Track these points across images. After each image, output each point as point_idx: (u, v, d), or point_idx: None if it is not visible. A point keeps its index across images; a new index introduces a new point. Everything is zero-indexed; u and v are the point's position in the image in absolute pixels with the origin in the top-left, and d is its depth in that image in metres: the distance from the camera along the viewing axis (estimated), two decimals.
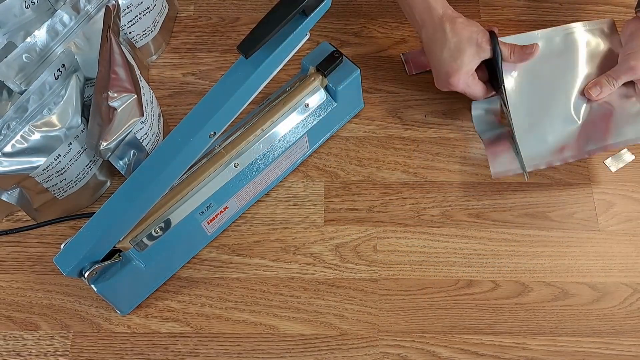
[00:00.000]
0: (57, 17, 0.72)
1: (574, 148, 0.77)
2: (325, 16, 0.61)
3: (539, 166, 0.77)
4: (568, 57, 0.80)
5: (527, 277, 0.75)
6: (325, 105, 0.79)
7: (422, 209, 0.79)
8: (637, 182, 0.80)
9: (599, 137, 0.77)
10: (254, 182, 0.77)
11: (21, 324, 0.75)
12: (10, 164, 0.69)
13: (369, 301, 0.75)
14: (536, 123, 0.78)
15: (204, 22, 0.94)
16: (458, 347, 0.72)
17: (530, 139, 0.78)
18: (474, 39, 0.74)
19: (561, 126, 0.78)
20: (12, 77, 0.71)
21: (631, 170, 0.81)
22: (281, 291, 0.76)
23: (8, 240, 0.79)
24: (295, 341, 0.73)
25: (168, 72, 0.90)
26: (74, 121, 0.71)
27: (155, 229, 0.71)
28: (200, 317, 0.75)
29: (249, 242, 0.78)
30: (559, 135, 0.78)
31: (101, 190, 0.82)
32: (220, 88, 0.61)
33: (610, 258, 0.76)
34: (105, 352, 0.73)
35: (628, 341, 0.72)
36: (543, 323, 0.73)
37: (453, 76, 0.75)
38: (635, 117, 0.77)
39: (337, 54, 0.77)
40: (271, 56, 0.60)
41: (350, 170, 0.82)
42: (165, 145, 0.62)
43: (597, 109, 0.78)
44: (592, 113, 0.78)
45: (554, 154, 0.77)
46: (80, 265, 0.65)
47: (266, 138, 0.76)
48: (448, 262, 0.76)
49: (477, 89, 0.78)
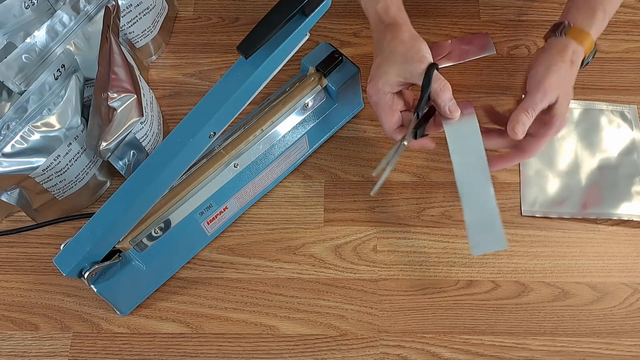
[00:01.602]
0: (56, 18, 0.72)
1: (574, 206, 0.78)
2: (325, 16, 0.61)
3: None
4: None
5: (527, 277, 0.75)
6: (325, 105, 0.79)
7: (422, 209, 0.79)
8: None
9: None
10: (253, 182, 0.77)
11: (21, 324, 0.74)
12: (10, 165, 0.68)
13: (369, 301, 0.75)
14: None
15: (203, 22, 0.94)
16: (458, 348, 0.72)
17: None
18: (408, 56, 0.67)
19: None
20: (12, 77, 0.71)
21: None
22: (281, 291, 0.76)
23: (8, 240, 0.79)
24: (295, 341, 0.73)
25: (168, 72, 0.90)
26: (74, 121, 0.71)
27: (155, 229, 0.71)
28: (200, 318, 0.75)
29: (249, 242, 0.78)
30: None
31: (101, 191, 0.82)
32: (220, 88, 0.61)
33: (610, 258, 0.76)
34: (105, 352, 0.73)
35: (628, 341, 0.72)
36: (543, 323, 0.73)
37: (370, 83, 0.69)
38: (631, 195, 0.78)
39: (337, 54, 0.77)
40: (271, 56, 0.60)
41: (350, 171, 0.82)
42: (165, 145, 0.62)
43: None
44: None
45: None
46: (80, 265, 0.65)
47: (266, 138, 0.76)
48: (448, 262, 0.76)
49: (386, 112, 0.70)
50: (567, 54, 0.69)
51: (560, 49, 0.70)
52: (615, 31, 0.90)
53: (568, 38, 0.70)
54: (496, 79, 0.87)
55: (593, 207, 0.78)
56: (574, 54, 0.70)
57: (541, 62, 0.70)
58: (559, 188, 0.79)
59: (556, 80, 0.68)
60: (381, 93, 0.69)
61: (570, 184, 0.79)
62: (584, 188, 0.79)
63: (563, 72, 0.69)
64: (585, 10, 0.71)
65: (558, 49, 0.70)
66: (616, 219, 0.77)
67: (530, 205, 0.79)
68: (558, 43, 0.71)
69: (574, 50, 0.70)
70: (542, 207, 0.78)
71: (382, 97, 0.69)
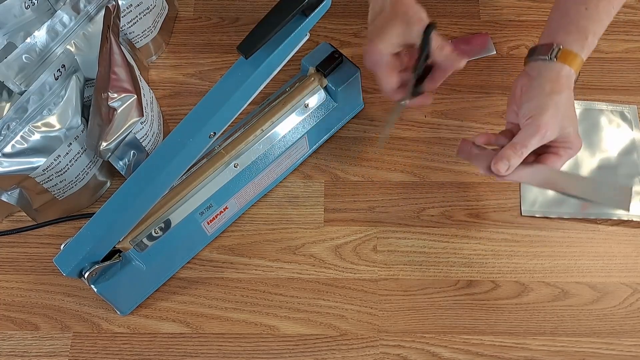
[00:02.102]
0: (57, 18, 0.72)
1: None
2: (325, 16, 0.61)
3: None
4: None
5: (527, 277, 0.75)
6: (325, 105, 0.79)
7: (422, 209, 0.79)
8: None
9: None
10: (253, 182, 0.77)
11: (21, 324, 0.75)
12: (10, 165, 0.69)
13: (369, 301, 0.75)
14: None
15: (203, 22, 0.94)
16: (458, 347, 0.72)
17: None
18: (407, 16, 0.66)
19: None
20: (12, 77, 0.71)
21: None
22: (281, 291, 0.76)
23: (8, 240, 0.79)
24: (295, 341, 0.73)
25: (168, 72, 0.90)
26: (74, 122, 0.71)
27: (155, 229, 0.71)
28: (200, 318, 0.75)
29: (249, 242, 0.78)
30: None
31: (101, 191, 0.82)
32: (220, 88, 0.61)
33: (610, 258, 0.76)
34: (105, 352, 0.73)
35: (628, 341, 0.72)
36: (543, 323, 0.73)
37: (369, 44, 0.68)
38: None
39: (337, 54, 0.77)
40: (271, 56, 0.60)
41: (350, 171, 0.82)
42: (165, 145, 0.62)
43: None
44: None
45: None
46: (80, 265, 0.65)
47: (266, 138, 0.76)
48: (448, 262, 0.76)
49: (385, 73, 0.69)
50: (562, 81, 0.65)
51: (553, 77, 0.65)
52: (615, 31, 0.90)
53: (559, 62, 0.66)
54: (496, 79, 0.87)
55: (593, 207, 0.78)
56: (568, 79, 0.66)
57: (534, 95, 0.65)
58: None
59: (554, 116, 0.64)
60: (381, 54, 0.68)
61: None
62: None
63: (561, 105, 0.64)
64: (576, 33, 0.67)
65: (550, 78, 0.65)
66: (616, 219, 0.77)
67: (530, 205, 0.79)
68: (548, 69, 0.66)
69: (567, 75, 0.65)
70: (542, 207, 0.78)
71: (382, 59, 0.68)
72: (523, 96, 0.66)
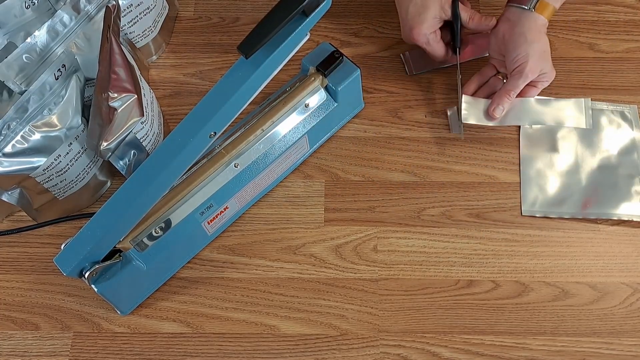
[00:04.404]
0: (57, 18, 0.72)
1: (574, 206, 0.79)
2: (325, 16, 0.61)
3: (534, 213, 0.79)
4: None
5: (527, 277, 0.75)
6: (325, 105, 0.79)
7: (422, 209, 0.80)
8: None
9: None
10: (254, 182, 0.77)
11: (22, 324, 0.75)
12: (11, 164, 0.69)
13: (369, 301, 0.75)
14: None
15: (204, 22, 0.94)
16: (458, 347, 0.72)
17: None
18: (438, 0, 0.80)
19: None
20: (13, 77, 0.71)
21: None
22: (281, 291, 0.76)
23: (8, 240, 0.79)
24: (296, 341, 0.73)
25: (168, 72, 0.90)
26: (74, 121, 0.71)
27: (156, 229, 0.71)
28: (200, 317, 0.75)
29: (249, 242, 0.78)
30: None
31: (101, 191, 0.82)
32: (220, 88, 0.61)
33: (610, 258, 0.76)
34: (106, 352, 0.73)
35: (628, 341, 0.72)
36: (543, 323, 0.73)
37: (415, 29, 0.81)
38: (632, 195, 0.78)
39: (337, 54, 0.77)
40: (271, 56, 0.60)
41: (350, 170, 0.82)
42: (166, 145, 0.62)
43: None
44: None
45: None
46: (80, 265, 0.65)
47: (266, 138, 0.76)
48: (448, 262, 0.76)
49: (437, 47, 0.83)
50: (540, 30, 0.78)
51: (532, 27, 0.77)
52: (615, 31, 0.90)
53: (536, 13, 0.78)
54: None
55: (593, 207, 0.78)
56: (544, 27, 0.78)
57: (519, 43, 0.77)
58: (559, 188, 0.79)
59: (537, 61, 0.78)
60: (426, 35, 0.81)
61: (570, 184, 0.80)
62: (584, 188, 0.79)
63: (541, 51, 0.78)
64: None
65: (529, 27, 0.77)
66: (616, 219, 0.77)
67: (530, 205, 0.79)
68: (527, 18, 0.78)
69: (543, 24, 0.78)
70: (542, 207, 0.79)
71: (430, 37, 0.82)
72: (508, 43, 0.79)
